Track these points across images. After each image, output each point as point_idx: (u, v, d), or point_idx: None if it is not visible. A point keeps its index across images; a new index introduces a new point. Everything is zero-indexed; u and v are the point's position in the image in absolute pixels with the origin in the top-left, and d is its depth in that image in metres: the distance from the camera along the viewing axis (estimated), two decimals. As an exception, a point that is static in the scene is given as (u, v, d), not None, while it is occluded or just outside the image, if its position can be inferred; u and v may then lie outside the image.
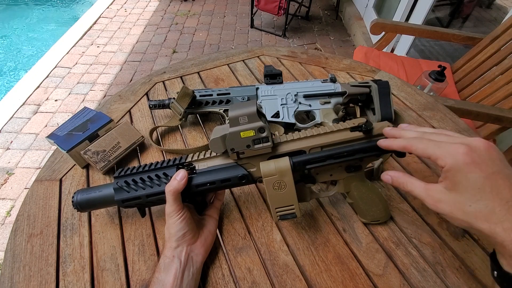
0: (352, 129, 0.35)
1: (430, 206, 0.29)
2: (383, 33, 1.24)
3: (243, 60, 0.78)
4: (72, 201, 0.39)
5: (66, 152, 0.48)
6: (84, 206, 0.39)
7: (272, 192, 0.35)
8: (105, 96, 1.84)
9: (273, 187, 0.35)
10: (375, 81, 0.53)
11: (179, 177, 0.35)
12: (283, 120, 0.53)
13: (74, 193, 0.39)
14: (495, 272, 0.27)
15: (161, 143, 0.56)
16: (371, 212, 0.41)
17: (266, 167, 0.35)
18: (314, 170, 0.37)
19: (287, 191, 0.35)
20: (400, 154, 0.35)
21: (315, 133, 0.36)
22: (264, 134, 0.34)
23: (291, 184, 0.35)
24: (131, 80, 1.99)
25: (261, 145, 0.35)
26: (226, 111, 0.55)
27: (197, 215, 0.41)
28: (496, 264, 0.27)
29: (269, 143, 0.35)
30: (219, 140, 0.35)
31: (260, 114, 0.35)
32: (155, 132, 0.58)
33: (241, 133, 0.34)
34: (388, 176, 0.33)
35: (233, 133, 0.34)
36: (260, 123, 0.34)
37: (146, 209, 0.45)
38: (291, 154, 0.36)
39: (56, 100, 1.80)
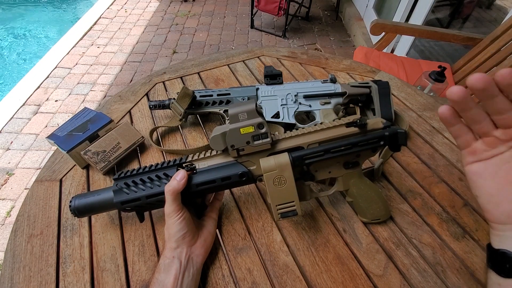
0: (348, 124, 0.36)
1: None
2: (383, 33, 1.25)
3: (243, 61, 0.78)
4: (70, 206, 0.38)
5: (66, 153, 0.48)
6: (82, 211, 0.38)
7: (273, 188, 0.36)
8: (105, 97, 1.85)
9: (274, 182, 0.35)
10: (375, 81, 0.53)
11: (178, 177, 0.35)
12: (283, 121, 0.53)
13: (72, 198, 0.39)
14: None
15: (161, 144, 0.56)
16: (371, 210, 0.41)
17: (266, 162, 0.35)
18: (313, 167, 0.38)
19: (287, 187, 0.36)
20: (396, 148, 0.36)
21: (312, 130, 0.37)
22: (263, 130, 0.35)
23: (291, 179, 0.35)
24: (131, 80, 1.99)
25: (260, 141, 0.35)
26: (226, 111, 0.55)
27: (196, 216, 0.41)
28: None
29: (268, 139, 0.35)
30: (220, 137, 0.35)
31: (258, 114, 0.36)
32: (155, 133, 0.58)
33: (241, 129, 0.35)
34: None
35: (233, 130, 0.35)
36: (259, 119, 0.35)
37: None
38: (290, 151, 0.36)
39: (56, 101, 1.80)
